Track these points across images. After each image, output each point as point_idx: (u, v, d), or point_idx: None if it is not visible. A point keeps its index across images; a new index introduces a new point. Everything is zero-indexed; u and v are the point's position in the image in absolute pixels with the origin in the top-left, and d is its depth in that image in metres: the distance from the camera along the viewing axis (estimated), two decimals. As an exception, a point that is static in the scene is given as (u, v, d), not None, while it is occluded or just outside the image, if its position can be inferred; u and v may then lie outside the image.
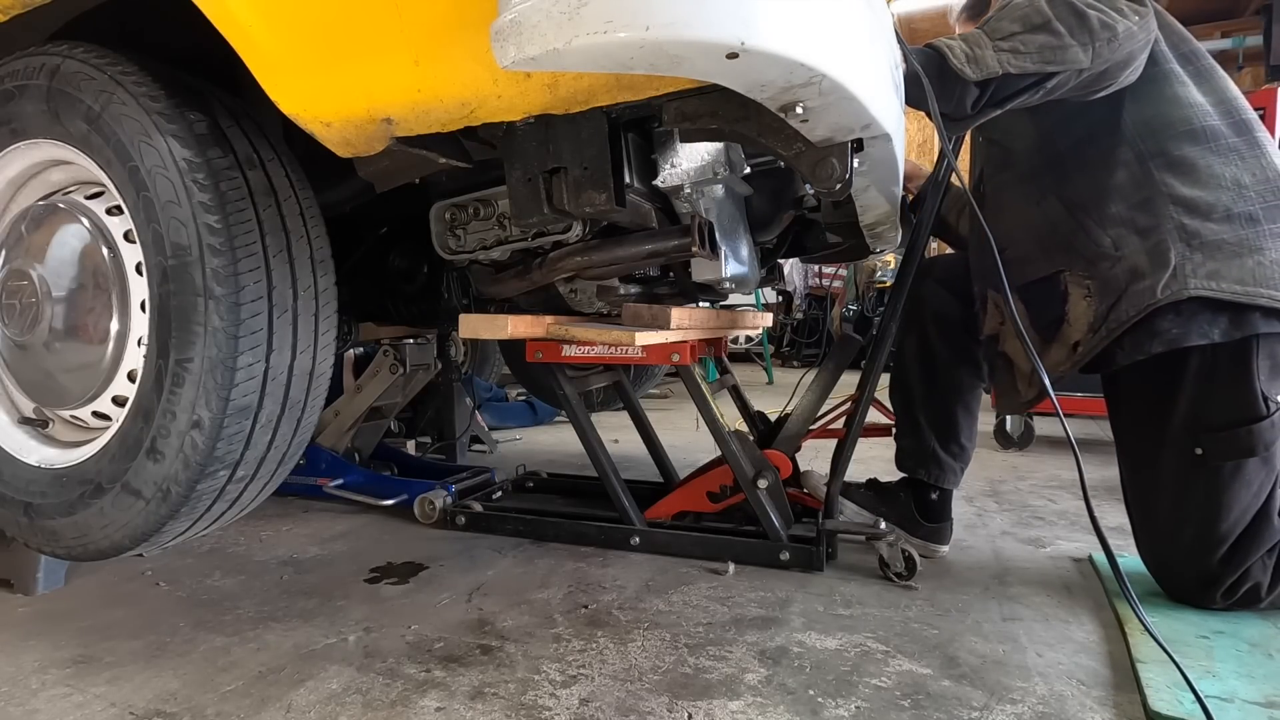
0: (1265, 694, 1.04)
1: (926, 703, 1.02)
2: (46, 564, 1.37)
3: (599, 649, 1.17)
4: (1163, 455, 1.32)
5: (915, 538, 1.61)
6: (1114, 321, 1.29)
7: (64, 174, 1.28)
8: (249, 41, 1.00)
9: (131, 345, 1.17)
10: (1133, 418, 1.39)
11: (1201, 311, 1.24)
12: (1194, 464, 1.27)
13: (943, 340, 1.61)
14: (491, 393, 3.44)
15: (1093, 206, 1.34)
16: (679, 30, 0.67)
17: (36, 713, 0.98)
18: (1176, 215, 1.26)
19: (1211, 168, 1.28)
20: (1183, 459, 1.29)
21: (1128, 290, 1.28)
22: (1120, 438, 1.43)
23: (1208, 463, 1.26)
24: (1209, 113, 1.31)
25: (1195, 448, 1.27)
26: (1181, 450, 1.29)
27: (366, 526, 1.85)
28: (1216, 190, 1.26)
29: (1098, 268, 1.32)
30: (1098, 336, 1.31)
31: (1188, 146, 1.29)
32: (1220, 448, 1.25)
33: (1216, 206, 1.26)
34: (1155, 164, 1.30)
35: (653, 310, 1.53)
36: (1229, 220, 1.25)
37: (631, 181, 1.14)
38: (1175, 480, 1.30)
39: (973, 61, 1.18)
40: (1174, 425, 1.29)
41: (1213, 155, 1.28)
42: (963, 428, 1.64)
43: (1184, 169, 1.28)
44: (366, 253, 1.96)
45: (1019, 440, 2.96)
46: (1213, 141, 1.29)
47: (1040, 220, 1.41)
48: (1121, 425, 1.42)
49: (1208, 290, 1.22)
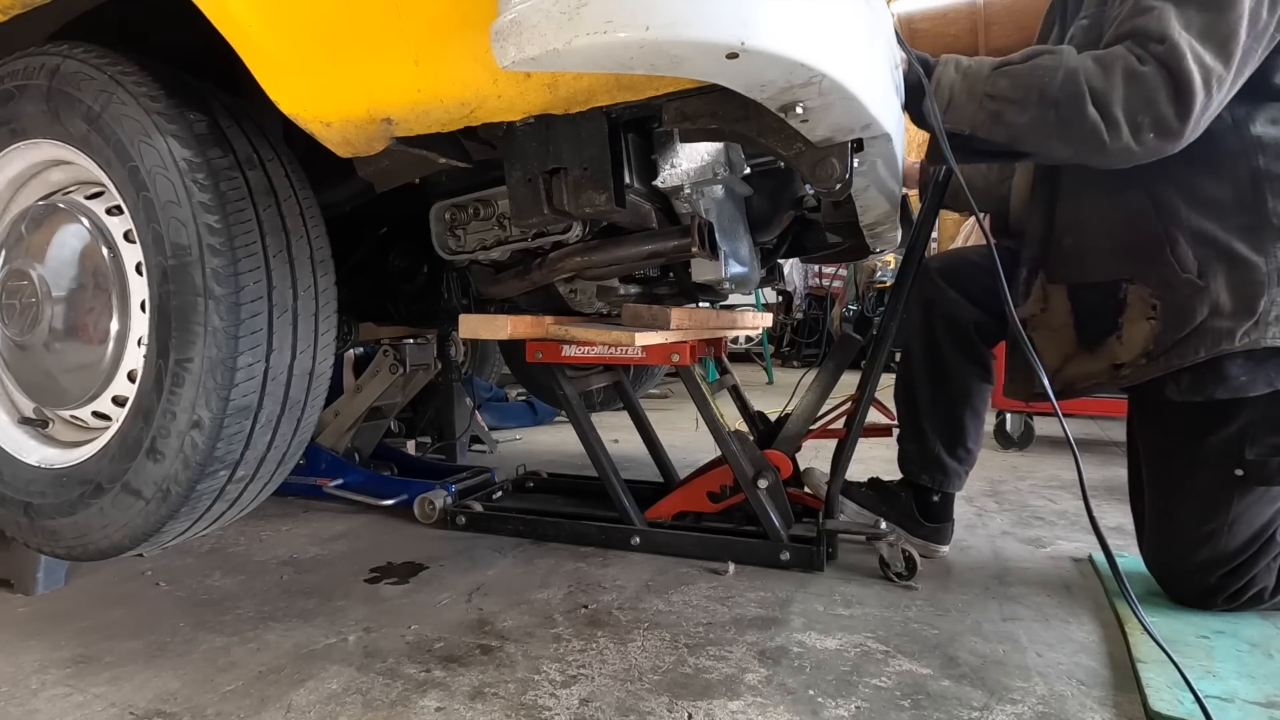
0: (1266, 694, 1.04)
1: (926, 703, 1.02)
2: (46, 564, 1.37)
3: (599, 649, 1.17)
4: (1197, 471, 1.26)
5: (916, 538, 1.61)
6: (1177, 356, 1.18)
7: (64, 174, 1.28)
8: (249, 41, 1.00)
9: (131, 345, 1.17)
10: (1170, 432, 1.31)
11: (1271, 359, 1.16)
12: (1230, 483, 1.24)
13: (952, 344, 1.56)
14: (491, 393, 3.44)
15: (1185, 215, 1.18)
16: (679, 30, 0.67)
17: (36, 713, 0.98)
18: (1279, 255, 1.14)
19: None
20: (1220, 477, 1.24)
21: (1202, 326, 1.16)
22: (1147, 446, 1.36)
23: (1245, 484, 1.23)
24: None
25: (1237, 469, 1.22)
26: (1220, 469, 1.24)
27: (366, 526, 1.85)
28: None
29: (1174, 290, 1.18)
30: (1154, 365, 1.20)
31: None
32: (1266, 473, 1.21)
33: None
34: (1272, 189, 1.14)
35: (653, 310, 1.53)
36: None
37: (631, 182, 1.14)
38: (1205, 496, 1.26)
39: (951, 109, 1.13)
40: (1217, 445, 1.24)
41: None
42: (970, 432, 1.60)
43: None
44: (366, 253, 1.96)
45: (1019, 440, 2.97)
46: None
47: (1119, 213, 1.24)
48: (1151, 435, 1.35)
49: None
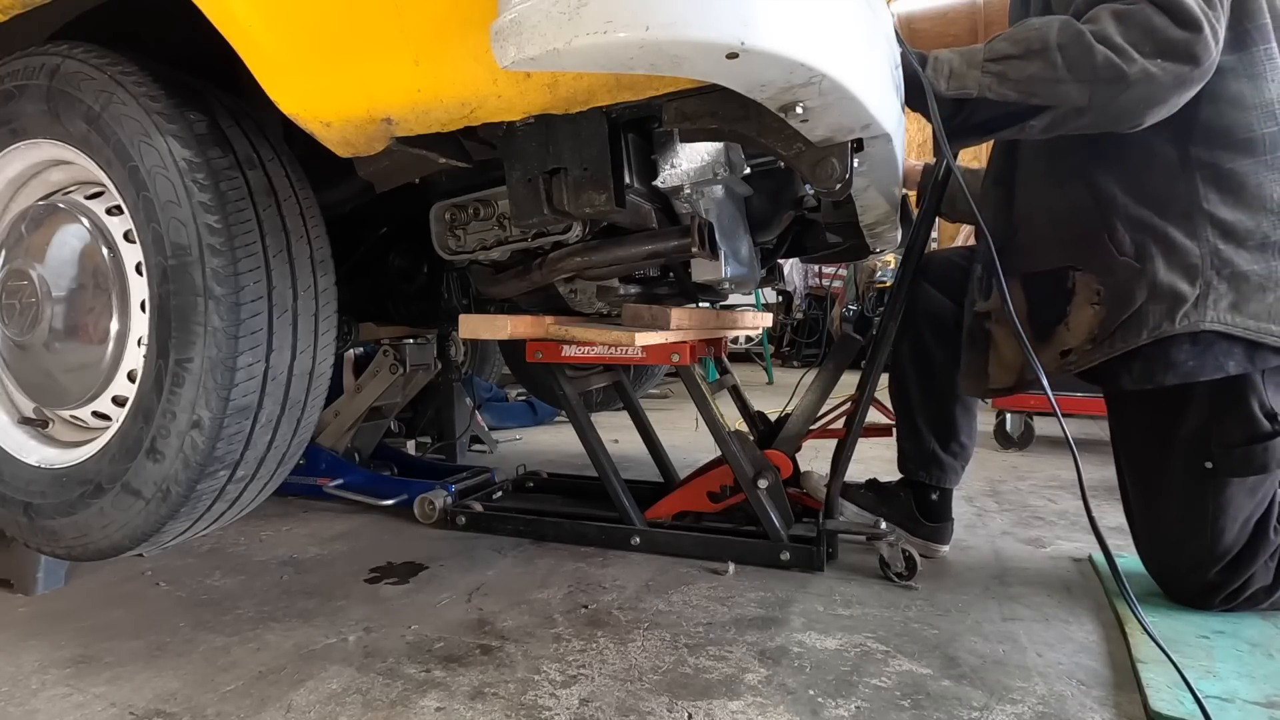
0: (1266, 694, 1.04)
1: (926, 703, 1.02)
2: (46, 564, 1.37)
3: (599, 649, 1.17)
4: (1170, 466, 1.28)
5: (915, 538, 1.61)
6: (1120, 339, 1.21)
7: (64, 174, 1.28)
8: (249, 41, 1.00)
9: (131, 345, 1.17)
10: (1138, 428, 1.34)
11: (1217, 343, 1.18)
12: (1203, 476, 1.24)
13: (937, 341, 1.59)
14: (491, 393, 3.43)
15: (1122, 203, 1.23)
16: (679, 30, 0.67)
17: (36, 713, 0.98)
18: (1213, 239, 1.17)
19: (1261, 187, 1.17)
20: (1191, 471, 1.25)
21: (1142, 309, 1.19)
22: (1123, 446, 1.39)
23: (1218, 476, 1.23)
24: (1273, 114, 1.17)
25: (1205, 461, 1.23)
26: (1190, 463, 1.25)
27: (366, 526, 1.85)
28: (1259, 214, 1.17)
29: (1114, 275, 1.22)
30: (1098, 350, 1.24)
31: (1241, 159, 1.18)
32: (1232, 463, 1.22)
33: (1255, 233, 1.17)
34: (1202, 175, 1.18)
35: (652, 310, 1.53)
36: (1263, 250, 1.17)
37: (631, 182, 1.14)
38: (1182, 491, 1.27)
39: (953, 77, 1.13)
40: (1182, 439, 1.26)
41: (1266, 171, 1.17)
42: (962, 426, 1.63)
43: (1231, 186, 1.18)
44: (366, 253, 1.96)
45: (1019, 440, 2.97)
46: (1270, 153, 1.17)
47: (1061, 205, 1.29)
48: (1124, 434, 1.38)
49: (1224, 325, 1.16)
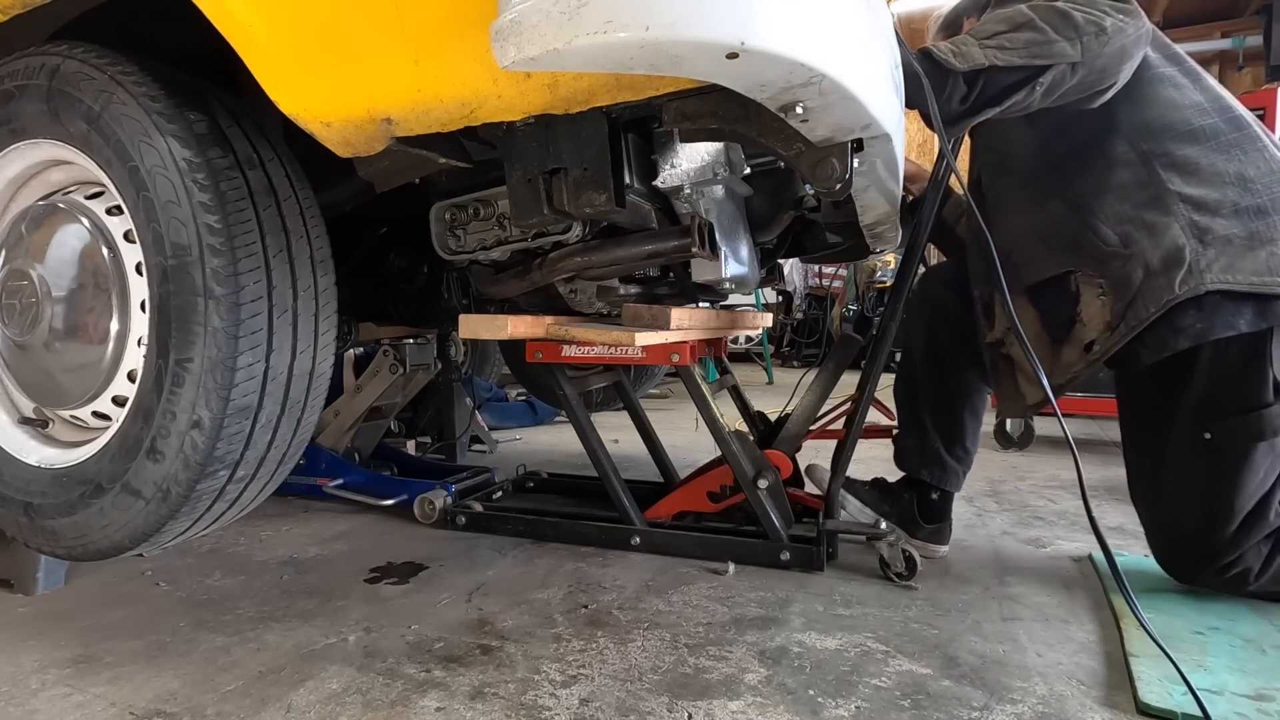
0: (1255, 687, 1.05)
1: (926, 703, 1.02)
2: (46, 564, 1.37)
3: (599, 649, 1.17)
4: (1171, 438, 1.33)
5: (915, 538, 1.61)
6: (1133, 318, 1.28)
7: (64, 174, 1.28)
8: (249, 41, 1.00)
9: (131, 345, 1.17)
10: (1141, 400, 1.40)
11: (1224, 304, 1.24)
12: (1203, 448, 1.28)
13: (952, 343, 1.61)
14: (491, 393, 3.43)
15: (1098, 206, 1.34)
16: (679, 30, 0.67)
17: (36, 713, 0.98)
18: (1186, 212, 1.27)
19: (1215, 165, 1.28)
20: (1191, 442, 1.30)
21: (1144, 287, 1.27)
22: (1127, 420, 1.43)
23: (1216, 447, 1.27)
24: (1205, 111, 1.32)
25: (1205, 432, 1.28)
26: (1190, 434, 1.30)
27: (366, 526, 1.85)
28: (1222, 187, 1.27)
29: (1108, 266, 1.31)
30: (1117, 335, 1.30)
31: (1189, 147, 1.30)
32: (1230, 432, 1.26)
33: (1224, 203, 1.26)
34: (1159, 163, 1.30)
35: (653, 310, 1.52)
36: (1238, 215, 1.25)
37: (631, 182, 1.14)
38: (1182, 463, 1.32)
39: (960, 56, 1.18)
40: (1184, 409, 1.30)
41: (1215, 153, 1.29)
42: (968, 431, 1.64)
43: (1188, 169, 1.29)
44: (366, 253, 1.96)
45: (1019, 440, 2.96)
46: (1212, 139, 1.30)
47: (1044, 221, 1.40)
48: (1129, 408, 1.43)
49: (1225, 284, 1.22)
